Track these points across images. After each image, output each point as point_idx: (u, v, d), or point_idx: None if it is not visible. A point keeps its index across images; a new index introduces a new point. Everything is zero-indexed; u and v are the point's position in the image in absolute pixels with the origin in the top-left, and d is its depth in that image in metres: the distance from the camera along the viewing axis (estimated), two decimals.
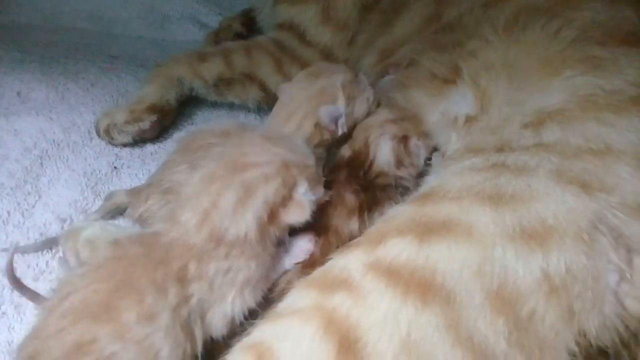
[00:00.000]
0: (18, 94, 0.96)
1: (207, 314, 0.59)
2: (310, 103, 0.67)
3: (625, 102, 0.61)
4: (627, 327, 0.54)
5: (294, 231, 0.61)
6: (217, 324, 0.57)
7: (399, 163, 0.65)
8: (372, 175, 0.65)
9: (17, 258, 0.72)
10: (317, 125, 0.66)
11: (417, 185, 0.68)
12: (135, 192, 0.76)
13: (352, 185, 0.64)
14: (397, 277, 0.53)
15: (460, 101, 0.70)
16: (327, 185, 0.64)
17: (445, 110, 0.69)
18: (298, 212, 0.59)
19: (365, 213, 0.64)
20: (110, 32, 1.21)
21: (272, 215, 0.58)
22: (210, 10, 1.21)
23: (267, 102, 0.95)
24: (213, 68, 0.93)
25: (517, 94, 0.65)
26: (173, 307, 0.56)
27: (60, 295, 0.57)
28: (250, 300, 0.58)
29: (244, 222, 0.57)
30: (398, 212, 0.59)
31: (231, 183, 0.58)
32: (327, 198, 0.60)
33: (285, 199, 0.58)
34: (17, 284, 0.67)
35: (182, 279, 0.57)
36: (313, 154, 0.62)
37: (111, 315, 0.54)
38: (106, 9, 1.22)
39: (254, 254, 0.59)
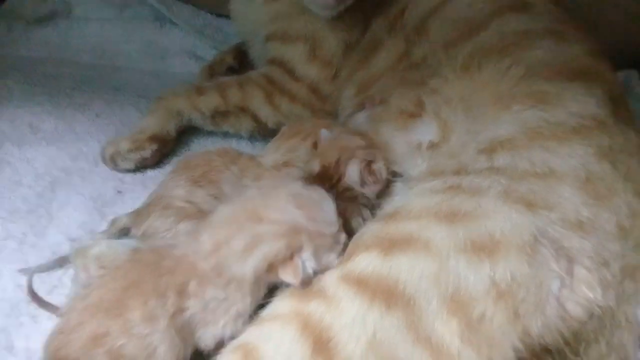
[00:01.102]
0: (30, 125, 1.00)
1: (198, 330, 0.63)
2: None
3: (567, 132, 0.67)
4: (568, 327, 0.59)
5: None
6: (207, 341, 0.62)
7: (363, 182, 0.73)
8: (340, 188, 0.72)
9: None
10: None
11: (379, 200, 0.76)
12: (136, 213, 0.80)
13: None
14: (365, 286, 0.59)
15: (424, 130, 0.77)
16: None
17: (411, 139, 0.76)
18: (291, 274, 0.62)
19: None
20: (113, 64, 1.24)
21: (270, 268, 0.62)
22: (206, 44, 1.24)
23: (259, 132, 1.00)
24: (210, 102, 0.97)
25: (474, 125, 0.71)
26: (170, 315, 0.60)
27: (81, 296, 0.62)
28: (241, 327, 0.63)
29: (245, 267, 0.62)
30: (366, 230, 0.66)
31: (245, 229, 0.63)
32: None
33: (286, 259, 0.62)
34: (37, 298, 0.72)
35: (182, 293, 0.61)
36: (338, 222, 0.65)
37: (121, 311, 0.60)
38: (109, 43, 1.25)
39: (249, 292, 0.63)
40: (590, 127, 0.67)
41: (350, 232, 0.68)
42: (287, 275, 0.62)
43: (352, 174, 0.74)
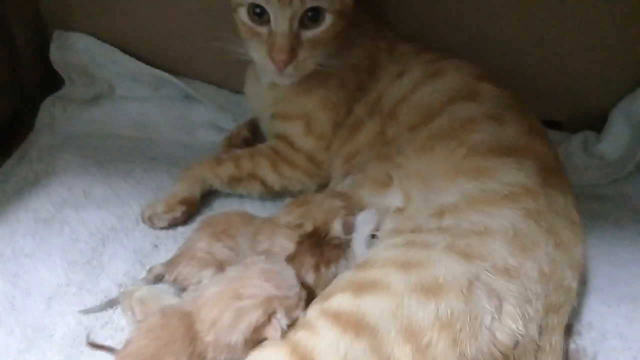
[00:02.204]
0: (83, 192, 1.12)
1: None
2: None
3: (500, 198, 0.79)
4: (499, 351, 0.69)
5: None
6: None
7: (346, 232, 0.87)
8: (328, 238, 0.87)
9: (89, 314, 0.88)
10: None
11: None
12: (169, 263, 0.91)
13: (311, 250, 0.85)
14: (339, 319, 0.69)
15: (393, 198, 0.89)
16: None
17: (382, 204, 0.88)
18: (272, 332, 0.72)
19: (321, 269, 0.84)
20: (149, 137, 1.31)
21: (255, 331, 0.72)
22: (227, 117, 1.34)
23: (267, 194, 1.10)
24: (227, 170, 1.08)
25: (427, 194, 0.84)
26: None
27: (123, 347, 0.74)
28: None
29: (234, 337, 0.72)
30: (342, 276, 0.78)
31: (230, 307, 0.73)
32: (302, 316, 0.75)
33: (265, 322, 0.72)
34: (95, 345, 0.83)
35: (204, 357, 0.73)
36: (298, 284, 0.76)
37: None
38: (146, 119, 1.34)
39: (245, 352, 0.73)
40: (519, 193, 0.79)
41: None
42: (269, 333, 0.72)
43: (337, 227, 0.88)
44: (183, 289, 0.88)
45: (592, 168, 1.24)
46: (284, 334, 0.73)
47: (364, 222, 0.89)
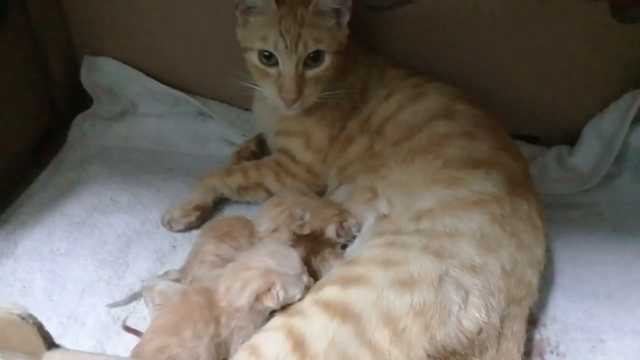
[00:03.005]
0: (111, 199, 1.21)
1: (231, 347, 0.82)
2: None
3: (470, 204, 0.86)
4: (465, 336, 0.78)
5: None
6: (234, 352, 0.81)
7: (338, 235, 0.97)
8: (322, 239, 0.96)
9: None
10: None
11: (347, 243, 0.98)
12: (182, 269, 0.99)
13: (305, 249, 0.95)
14: (328, 307, 0.77)
15: (380, 206, 0.96)
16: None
17: (370, 212, 0.96)
18: (271, 301, 0.80)
19: (312, 262, 0.94)
20: (168, 150, 1.39)
21: (258, 298, 0.81)
22: (236, 133, 1.41)
23: None
24: (235, 180, 1.16)
25: (407, 201, 0.92)
26: (211, 336, 0.79)
27: (151, 324, 0.84)
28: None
29: (241, 300, 0.81)
30: (333, 272, 0.86)
31: (239, 276, 0.82)
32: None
33: (265, 292, 0.81)
34: (128, 328, 0.92)
35: (217, 322, 0.80)
36: (301, 268, 0.84)
37: (177, 332, 0.78)
38: (165, 133, 1.43)
39: (249, 317, 0.81)
40: (487, 200, 0.87)
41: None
42: (269, 301, 0.80)
43: (331, 232, 0.98)
44: None
45: (565, 179, 1.32)
46: (282, 307, 0.81)
47: (367, 228, 0.98)
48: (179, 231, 1.15)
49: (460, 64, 1.32)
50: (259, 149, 1.34)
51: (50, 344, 0.69)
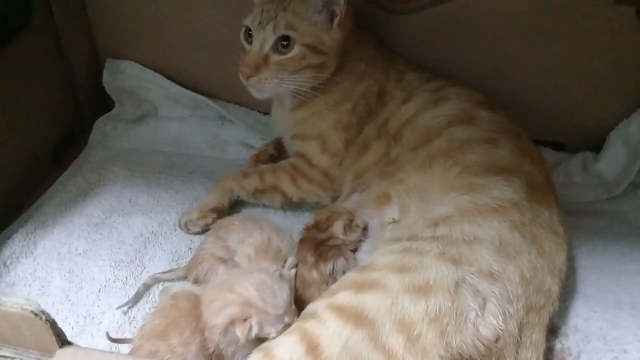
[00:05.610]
0: (129, 200, 1.23)
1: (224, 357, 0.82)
2: None
3: (489, 210, 0.85)
4: (482, 344, 0.76)
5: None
6: None
7: (345, 233, 0.97)
8: (325, 236, 0.96)
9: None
10: None
11: (356, 246, 0.99)
12: (187, 267, 1.01)
13: (312, 250, 0.94)
14: (342, 311, 0.77)
15: (390, 211, 0.96)
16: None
17: (382, 218, 0.96)
18: (240, 332, 0.78)
19: (321, 266, 0.93)
20: (187, 153, 1.40)
21: (231, 323, 0.79)
22: (256, 136, 1.42)
23: (286, 205, 1.19)
24: (252, 183, 1.16)
25: (424, 207, 0.91)
26: (198, 347, 0.79)
27: (142, 327, 0.84)
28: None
29: (217, 320, 0.80)
30: (347, 276, 0.85)
31: (222, 295, 0.81)
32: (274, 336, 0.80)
33: (240, 321, 0.79)
34: (113, 339, 0.91)
35: (202, 332, 0.81)
36: (285, 308, 0.81)
37: (165, 337, 0.79)
38: (185, 137, 1.44)
39: (227, 341, 0.80)
40: (506, 207, 0.86)
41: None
42: (238, 331, 0.79)
43: (337, 227, 0.98)
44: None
45: (590, 186, 1.29)
46: (249, 341, 0.80)
47: (375, 231, 0.98)
48: (196, 233, 1.16)
49: (483, 69, 1.31)
50: (277, 153, 1.34)
51: (64, 341, 0.69)
